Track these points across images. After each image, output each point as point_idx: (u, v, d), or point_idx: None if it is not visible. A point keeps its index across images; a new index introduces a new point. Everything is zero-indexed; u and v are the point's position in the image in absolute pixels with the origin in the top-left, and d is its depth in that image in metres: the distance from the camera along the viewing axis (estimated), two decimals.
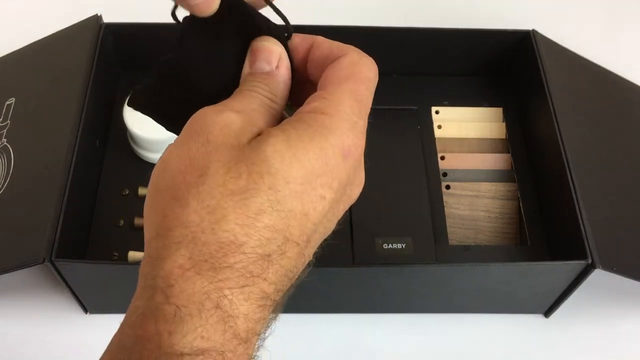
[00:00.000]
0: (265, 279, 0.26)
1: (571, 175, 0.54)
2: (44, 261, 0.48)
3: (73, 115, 0.56)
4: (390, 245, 0.57)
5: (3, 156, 0.57)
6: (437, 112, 0.66)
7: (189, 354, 0.24)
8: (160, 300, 0.25)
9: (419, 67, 0.68)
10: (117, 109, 0.63)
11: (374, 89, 0.32)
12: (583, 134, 0.59)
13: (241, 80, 0.31)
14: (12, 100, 0.61)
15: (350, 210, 0.58)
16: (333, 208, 0.29)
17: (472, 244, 0.59)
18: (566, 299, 0.55)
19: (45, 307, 0.58)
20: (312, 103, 0.29)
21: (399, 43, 0.65)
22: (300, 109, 0.29)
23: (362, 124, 0.29)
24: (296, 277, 0.29)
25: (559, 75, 0.62)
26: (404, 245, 0.57)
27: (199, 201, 0.26)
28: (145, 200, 0.28)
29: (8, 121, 0.60)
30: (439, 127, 0.65)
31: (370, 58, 0.32)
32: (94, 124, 0.59)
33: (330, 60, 0.31)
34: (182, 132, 0.28)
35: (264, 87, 0.30)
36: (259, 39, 0.31)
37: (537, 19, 0.71)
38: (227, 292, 0.25)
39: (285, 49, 0.32)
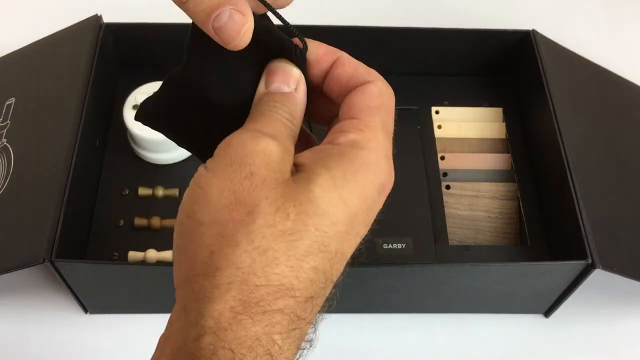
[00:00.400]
0: (308, 322, 0.26)
1: (571, 175, 0.54)
2: (44, 261, 0.48)
3: (73, 115, 0.56)
4: (390, 245, 0.57)
5: (3, 156, 0.57)
6: (437, 112, 0.66)
7: None
8: (210, 342, 0.24)
9: (419, 67, 0.68)
10: (117, 108, 0.63)
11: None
12: (583, 134, 0.59)
13: (256, 99, 0.30)
14: (12, 100, 0.61)
15: None
16: (360, 239, 0.30)
17: (472, 244, 0.59)
18: (566, 299, 0.55)
19: (45, 307, 0.58)
20: (349, 134, 0.28)
21: (399, 43, 0.66)
22: (337, 138, 0.29)
23: (391, 155, 0.30)
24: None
25: (559, 75, 0.62)
26: (404, 245, 0.57)
27: (249, 241, 0.25)
28: (180, 228, 0.27)
29: (8, 121, 0.60)
30: (439, 127, 0.65)
31: (390, 87, 0.32)
32: (94, 123, 0.59)
33: (355, 82, 0.31)
34: (218, 158, 0.27)
35: (284, 108, 0.29)
36: (277, 60, 0.30)
37: (537, 19, 0.71)
38: (276, 337, 0.25)
39: (303, 65, 0.31)
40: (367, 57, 0.71)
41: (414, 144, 0.63)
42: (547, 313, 0.59)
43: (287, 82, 0.30)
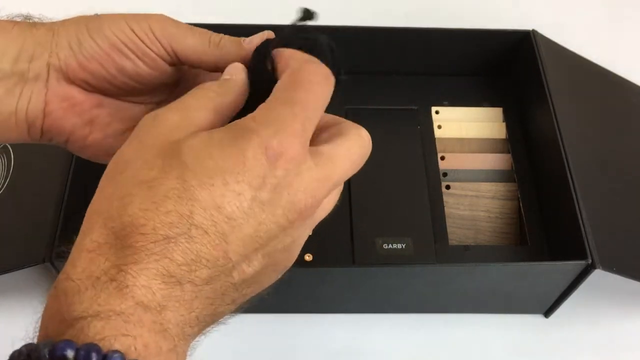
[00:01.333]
0: (168, 258, 0.27)
1: (571, 175, 0.54)
2: (44, 261, 0.48)
3: None
4: (390, 245, 0.57)
5: (3, 156, 0.57)
6: (437, 112, 0.66)
7: (85, 317, 0.25)
8: (62, 279, 0.27)
9: (419, 67, 0.68)
10: None
11: (323, 96, 0.32)
12: (583, 134, 0.59)
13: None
14: None
15: (350, 210, 0.58)
16: (261, 209, 0.28)
17: (472, 244, 0.59)
18: (566, 299, 0.55)
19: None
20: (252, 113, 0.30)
21: (399, 43, 0.66)
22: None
23: (299, 127, 0.29)
24: (232, 279, 0.29)
25: (559, 75, 0.62)
26: (404, 245, 0.57)
27: (113, 191, 0.28)
28: None
29: None
30: (439, 127, 0.65)
31: (323, 66, 0.33)
32: None
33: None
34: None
35: (216, 85, 0.32)
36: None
37: (537, 19, 0.71)
38: (123, 267, 0.26)
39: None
40: (367, 57, 0.72)
41: (414, 144, 0.63)
42: (547, 313, 0.59)
43: (228, 72, 0.33)
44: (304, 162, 0.29)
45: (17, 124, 0.35)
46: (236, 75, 0.33)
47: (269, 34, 0.35)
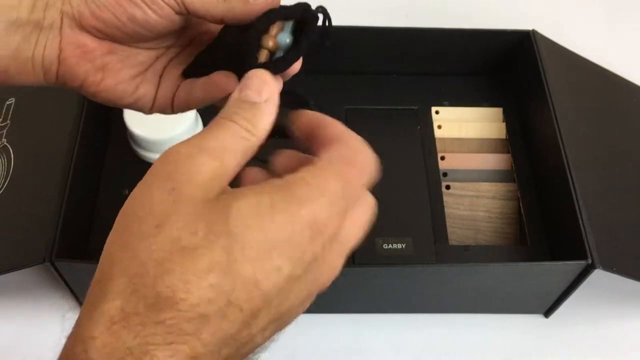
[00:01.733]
0: (198, 339, 0.25)
1: (571, 175, 0.54)
2: (44, 261, 0.48)
3: (73, 115, 0.56)
4: (390, 245, 0.57)
5: (3, 156, 0.57)
6: (437, 112, 0.66)
7: None
8: (78, 351, 0.25)
9: (419, 67, 0.68)
10: (118, 109, 0.63)
11: (366, 185, 0.31)
12: (583, 134, 0.59)
13: (227, 103, 0.30)
14: (12, 100, 0.61)
15: None
16: (292, 285, 0.27)
17: (472, 244, 0.59)
18: (566, 299, 0.55)
19: (45, 307, 0.58)
20: (299, 172, 0.28)
21: (399, 43, 0.66)
22: (288, 175, 0.28)
23: (344, 207, 0.28)
24: (242, 351, 0.27)
25: (559, 75, 0.62)
26: (404, 245, 0.57)
27: (149, 253, 0.25)
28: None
29: (8, 121, 0.60)
30: (439, 127, 0.65)
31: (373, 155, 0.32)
32: (94, 124, 0.59)
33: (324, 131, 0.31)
34: (150, 171, 0.28)
35: (245, 117, 0.29)
36: (259, 70, 0.31)
37: (537, 19, 0.71)
38: (151, 347, 0.24)
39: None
40: (367, 57, 0.72)
41: (414, 144, 0.63)
42: (547, 313, 0.59)
43: (259, 91, 0.30)
44: (335, 240, 0.28)
45: (34, 70, 0.36)
46: (269, 102, 0.30)
47: None
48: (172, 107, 0.39)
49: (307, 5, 0.34)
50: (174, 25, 0.37)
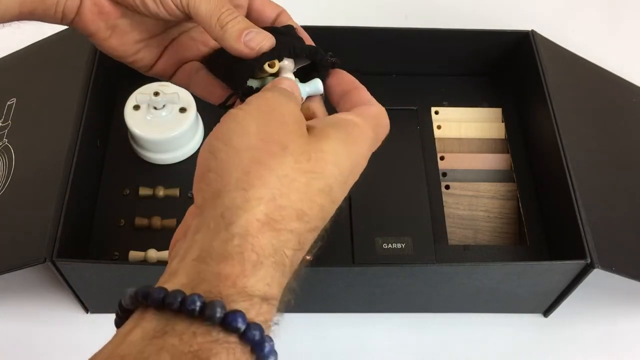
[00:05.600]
0: (304, 252, 0.30)
1: (571, 175, 0.54)
2: (45, 261, 0.48)
3: (74, 116, 0.56)
4: (390, 245, 0.57)
5: (4, 156, 0.58)
6: (436, 112, 0.66)
7: (258, 296, 0.28)
8: (238, 243, 0.28)
9: (419, 67, 0.68)
10: (118, 109, 0.63)
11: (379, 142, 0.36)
12: (583, 134, 0.59)
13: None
14: (14, 100, 0.61)
15: (350, 210, 0.58)
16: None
17: (472, 243, 0.59)
18: (565, 298, 0.55)
19: (46, 307, 0.58)
20: (348, 114, 0.35)
21: (399, 43, 0.66)
22: (339, 115, 0.36)
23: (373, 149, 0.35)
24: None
25: (558, 75, 0.62)
26: (404, 245, 0.57)
27: (281, 169, 0.30)
28: (212, 153, 0.31)
29: (9, 121, 0.60)
30: (439, 127, 0.65)
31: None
32: (95, 124, 0.60)
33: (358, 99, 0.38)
34: (253, 106, 0.33)
35: (294, 93, 0.37)
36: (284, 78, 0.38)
37: (537, 19, 0.72)
38: (287, 251, 0.29)
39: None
40: (367, 57, 0.72)
41: (413, 144, 0.63)
42: (547, 313, 0.59)
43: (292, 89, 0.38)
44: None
45: (55, 14, 0.39)
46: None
47: (269, 43, 0.38)
48: (170, 79, 0.43)
49: (315, 50, 0.38)
50: (180, 19, 0.40)
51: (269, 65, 0.37)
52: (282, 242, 0.29)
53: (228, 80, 0.39)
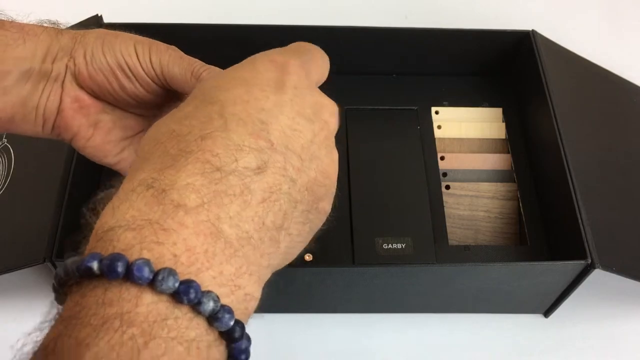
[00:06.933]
0: (206, 151, 0.27)
1: (571, 175, 0.54)
2: (44, 261, 0.48)
3: None
4: (390, 245, 0.57)
5: (4, 156, 0.57)
6: (437, 112, 0.66)
7: (115, 228, 0.25)
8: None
9: (419, 67, 0.68)
10: None
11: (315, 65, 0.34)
12: (583, 134, 0.59)
13: None
14: None
15: (350, 210, 0.58)
16: (290, 103, 0.30)
17: (472, 244, 0.59)
18: (566, 299, 0.55)
19: (46, 307, 0.58)
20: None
21: (399, 43, 0.66)
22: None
23: (297, 58, 0.32)
24: (270, 160, 0.28)
25: (558, 75, 0.62)
26: (404, 245, 0.57)
27: (153, 128, 0.30)
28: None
29: None
30: (439, 127, 0.65)
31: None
32: None
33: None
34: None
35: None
36: None
37: (537, 19, 0.72)
38: (160, 173, 0.26)
39: None
40: (367, 57, 0.72)
41: (413, 144, 0.63)
42: (547, 313, 0.59)
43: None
44: (306, 77, 0.32)
45: (36, 119, 0.39)
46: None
47: None
48: None
49: None
50: (160, 98, 0.41)
51: None
52: (161, 171, 0.27)
53: None
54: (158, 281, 0.23)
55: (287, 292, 0.54)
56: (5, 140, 0.58)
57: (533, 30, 0.64)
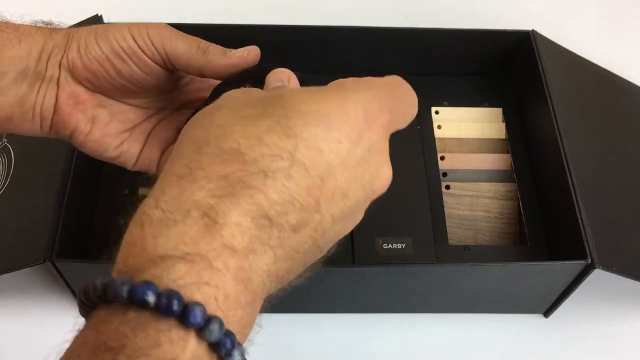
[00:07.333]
0: (263, 193, 0.25)
1: (571, 176, 0.54)
2: (44, 261, 0.48)
3: None
4: (390, 245, 0.57)
5: (3, 156, 0.57)
6: (437, 112, 0.66)
7: (170, 257, 0.24)
8: (149, 205, 0.26)
9: (419, 67, 0.68)
10: None
11: (407, 111, 0.35)
12: (583, 134, 0.59)
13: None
14: None
15: None
16: (354, 164, 0.28)
17: (472, 244, 0.59)
18: (566, 299, 0.55)
19: (46, 307, 0.58)
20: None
21: (399, 43, 0.66)
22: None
23: (389, 106, 0.31)
24: (312, 226, 0.27)
25: (558, 75, 0.62)
26: (404, 245, 0.57)
27: (211, 121, 0.27)
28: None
29: None
30: (439, 127, 0.65)
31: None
32: None
33: None
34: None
35: None
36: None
37: (537, 19, 0.72)
38: (217, 200, 0.25)
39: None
40: (367, 57, 0.72)
41: (414, 144, 0.63)
42: (547, 313, 0.59)
43: (280, 79, 0.36)
44: (385, 138, 0.30)
45: (34, 117, 0.39)
46: (291, 82, 0.36)
47: (255, 51, 0.39)
48: (158, 168, 0.42)
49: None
50: (160, 81, 0.40)
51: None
52: (210, 191, 0.26)
53: None
54: (208, 330, 0.23)
55: (287, 292, 0.54)
56: (5, 140, 0.58)
57: (533, 30, 0.64)
